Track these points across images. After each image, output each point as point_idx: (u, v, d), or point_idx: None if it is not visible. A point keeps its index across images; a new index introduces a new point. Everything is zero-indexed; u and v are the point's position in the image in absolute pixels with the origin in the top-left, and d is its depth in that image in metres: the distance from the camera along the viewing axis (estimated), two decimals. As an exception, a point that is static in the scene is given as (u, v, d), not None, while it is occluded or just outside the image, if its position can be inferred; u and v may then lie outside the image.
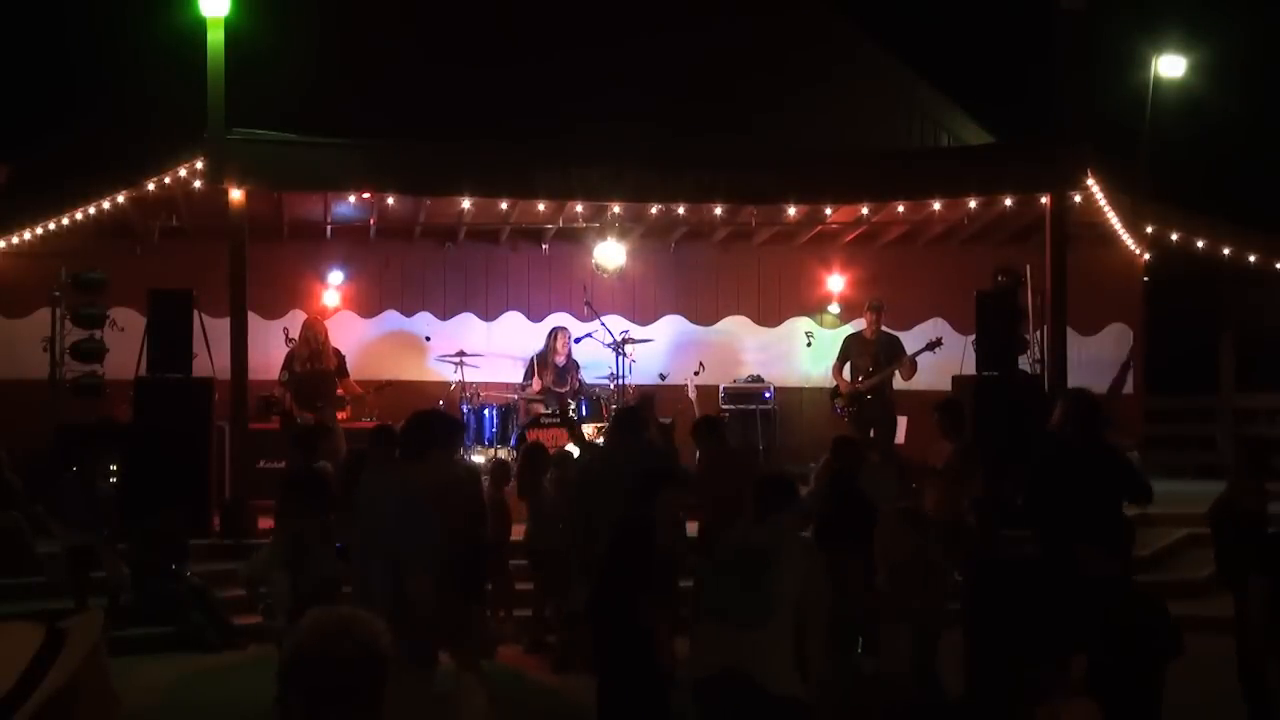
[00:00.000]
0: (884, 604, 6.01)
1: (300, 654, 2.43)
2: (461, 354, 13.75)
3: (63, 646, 2.17)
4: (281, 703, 2.45)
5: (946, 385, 13.12)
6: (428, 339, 14.82)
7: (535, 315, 15.14)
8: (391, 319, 15.06)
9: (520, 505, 10.14)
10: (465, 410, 13.50)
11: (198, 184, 12.13)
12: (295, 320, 13.81)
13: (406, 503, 5.96)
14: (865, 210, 13.74)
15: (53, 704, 2.12)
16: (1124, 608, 5.90)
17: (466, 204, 12.86)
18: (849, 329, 14.03)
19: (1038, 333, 12.82)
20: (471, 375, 13.78)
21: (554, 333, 13.82)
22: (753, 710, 5.29)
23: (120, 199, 12.71)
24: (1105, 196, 13.29)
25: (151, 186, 12.54)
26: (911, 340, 13.54)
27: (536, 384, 13.54)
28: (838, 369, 13.21)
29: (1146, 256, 15.13)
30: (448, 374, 14.00)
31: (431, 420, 6.66)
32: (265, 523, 11.00)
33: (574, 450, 11.73)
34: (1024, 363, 12.70)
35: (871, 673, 6.11)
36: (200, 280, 12.18)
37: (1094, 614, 5.92)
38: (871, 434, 12.87)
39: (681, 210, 13.30)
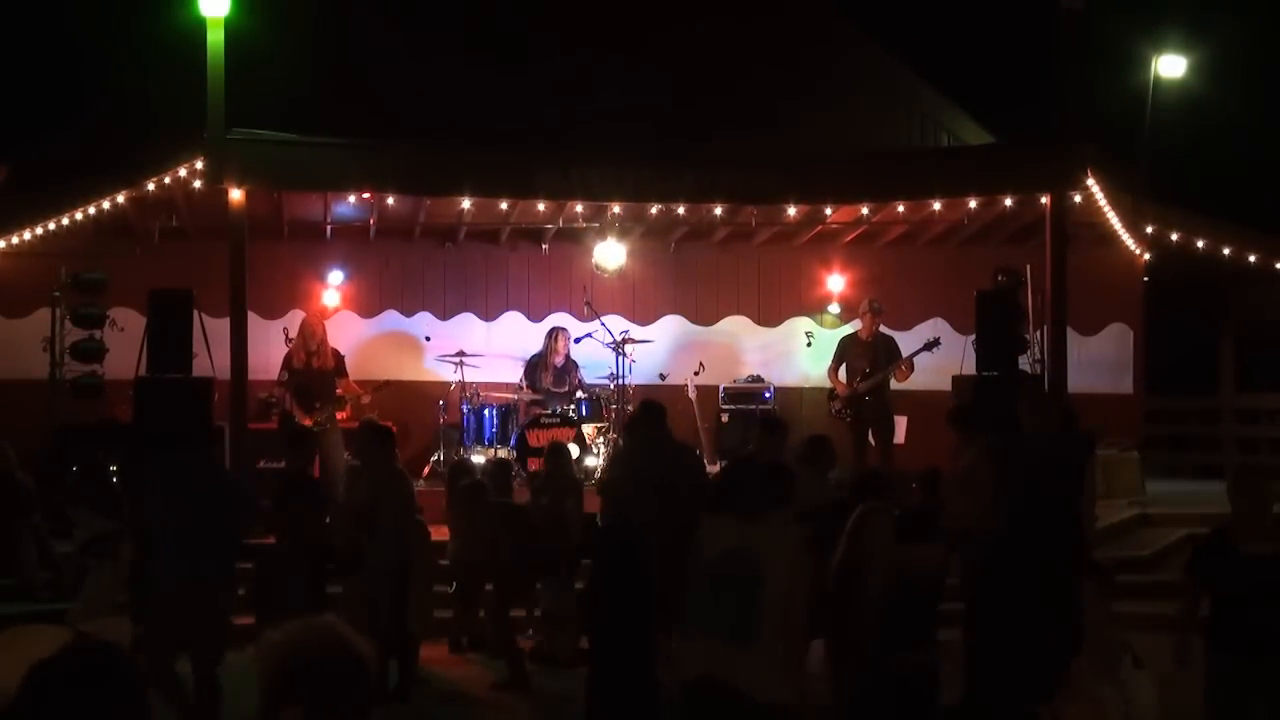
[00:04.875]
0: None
1: (296, 662, 2.45)
2: (461, 354, 13.76)
3: None
4: (270, 712, 2.45)
5: (946, 385, 13.12)
6: (427, 339, 14.82)
7: (535, 315, 15.13)
8: (391, 319, 15.06)
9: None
10: (465, 410, 13.51)
11: (198, 184, 12.12)
12: (295, 320, 13.77)
13: None
14: (865, 210, 13.73)
15: None
16: None
17: (466, 204, 12.86)
18: (849, 329, 14.03)
19: (1038, 333, 12.81)
20: (471, 375, 13.79)
21: (553, 333, 13.81)
22: (737, 718, 5.27)
23: (120, 199, 12.71)
24: (1105, 196, 13.29)
25: (151, 186, 12.54)
26: (911, 340, 13.54)
27: (528, 393, 13.50)
28: (833, 371, 13.20)
29: (1146, 256, 15.12)
30: (447, 374, 14.00)
31: None
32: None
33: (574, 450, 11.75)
34: (1024, 363, 12.69)
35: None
36: (200, 280, 12.17)
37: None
38: (870, 435, 12.88)
39: (681, 210, 13.29)
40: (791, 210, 13.46)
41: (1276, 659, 5.72)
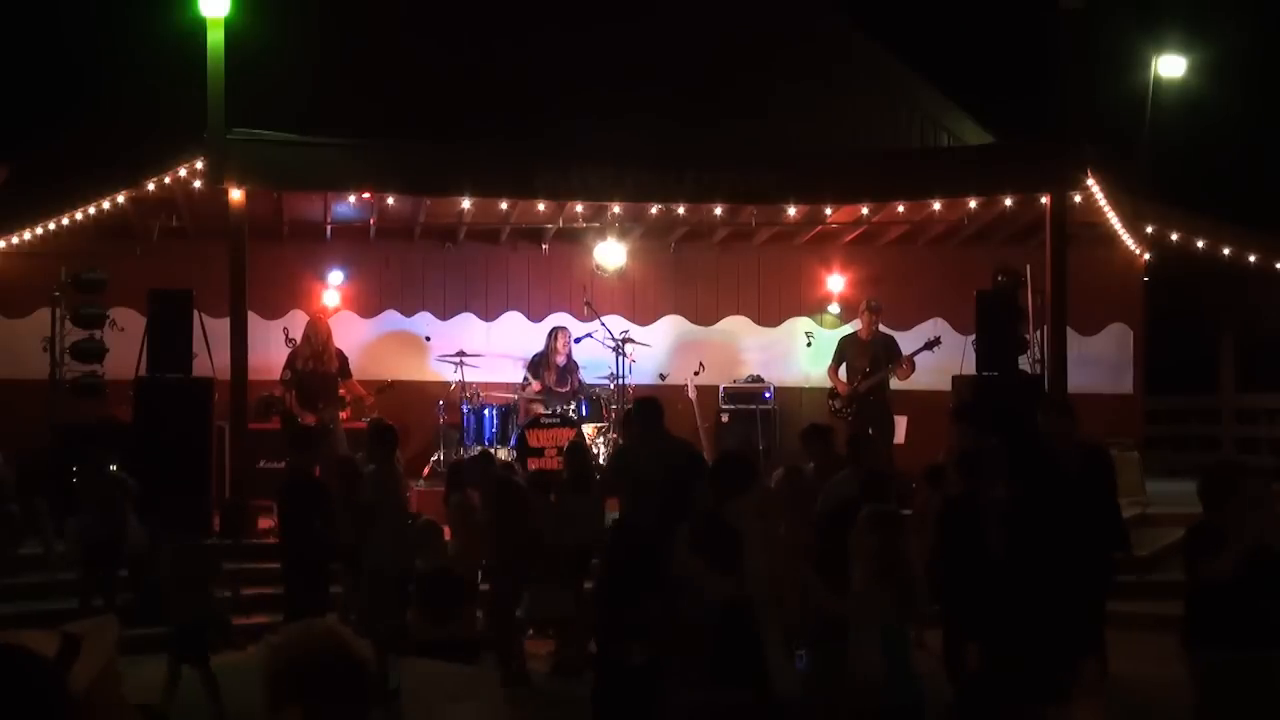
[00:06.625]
0: (854, 605, 5.97)
1: (296, 663, 2.47)
2: (461, 354, 13.76)
3: (78, 655, 2.16)
4: (276, 710, 2.46)
5: (946, 385, 13.14)
6: (428, 339, 14.82)
7: (535, 315, 15.14)
8: (391, 319, 15.06)
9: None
10: (465, 410, 13.51)
11: (198, 184, 12.14)
12: (295, 320, 13.82)
13: None
14: (865, 210, 13.74)
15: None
16: None
17: (466, 204, 12.87)
18: (848, 329, 14.04)
19: (1038, 333, 12.82)
20: (471, 375, 13.79)
21: (554, 332, 13.83)
22: (744, 712, 5.29)
23: (120, 199, 12.72)
24: (1105, 196, 13.29)
25: (151, 186, 12.54)
26: (911, 340, 13.56)
27: (536, 385, 13.55)
28: (833, 371, 13.21)
29: (1146, 256, 15.13)
30: (447, 374, 14.01)
31: None
32: (265, 522, 11.03)
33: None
34: (1024, 363, 12.71)
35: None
36: (200, 280, 12.18)
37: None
38: (870, 435, 12.89)
39: (681, 210, 13.30)
40: (791, 210, 13.46)
41: (1263, 649, 5.71)
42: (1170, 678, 6.20)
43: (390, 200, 12.86)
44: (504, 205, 13.12)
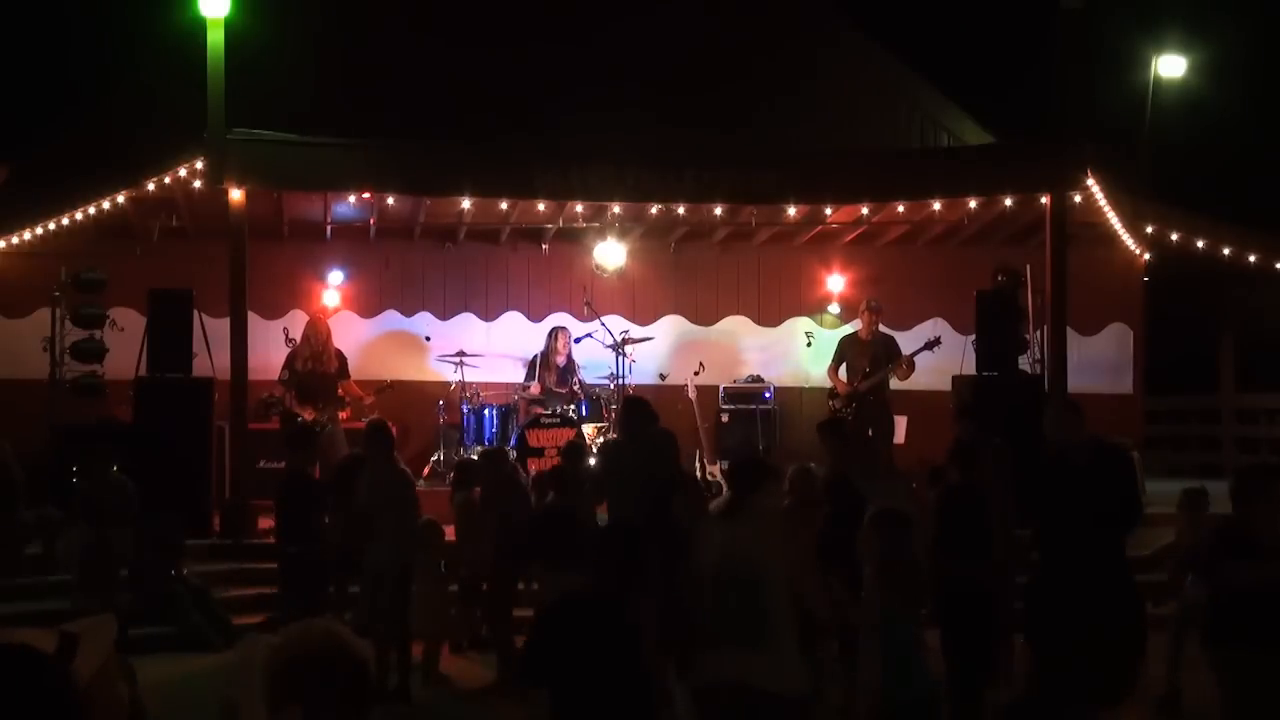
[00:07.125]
0: (860, 604, 5.97)
1: (296, 663, 2.47)
2: (461, 354, 13.76)
3: (75, 654, 2.16)
4: (276, 710, 2.47)
5: (946, 385, 13.14)
6: (428, 339, 14.82)
7: (535, 315, 15.14)
8: (391, 319, 15.06)
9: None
10: (465, 410, 13.51)
11: (198, 184, 12.14)
12: (295, 320, 13.81)
13: None
14: (865, 210, 13.73)
15: None
16: None
17: (466, 204, 12.86)
18: (849, 329, 14.04)
19: (1038, 333, 12.82)
20: (471, 375, 13.79)
21: (554, 333, 13.83)
22: (762, 715, 5.30)
23: (120, 199, 12.72)
24: (1105, 196, 13.29)
25: (151, 186, 12.54)
26: (911, 340, 13.55)
27: (536, 386, 13.54)
28: (833, 371, 13.21)
29: (1146, 256, 15.12)
30: (448, 374, 14.01)
31: None
32: (265, 522, 11.02)
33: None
34: (1024, 363, 12.71)
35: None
36: (200, 280, 12.18)
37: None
38: (870, 435, 12.89)
39: (681, 210, 13.30)
40: (791, 210, 13.46)
41: None
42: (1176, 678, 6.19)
43: (390, 200, 12.86)
44: (504, 205, 13.11)
